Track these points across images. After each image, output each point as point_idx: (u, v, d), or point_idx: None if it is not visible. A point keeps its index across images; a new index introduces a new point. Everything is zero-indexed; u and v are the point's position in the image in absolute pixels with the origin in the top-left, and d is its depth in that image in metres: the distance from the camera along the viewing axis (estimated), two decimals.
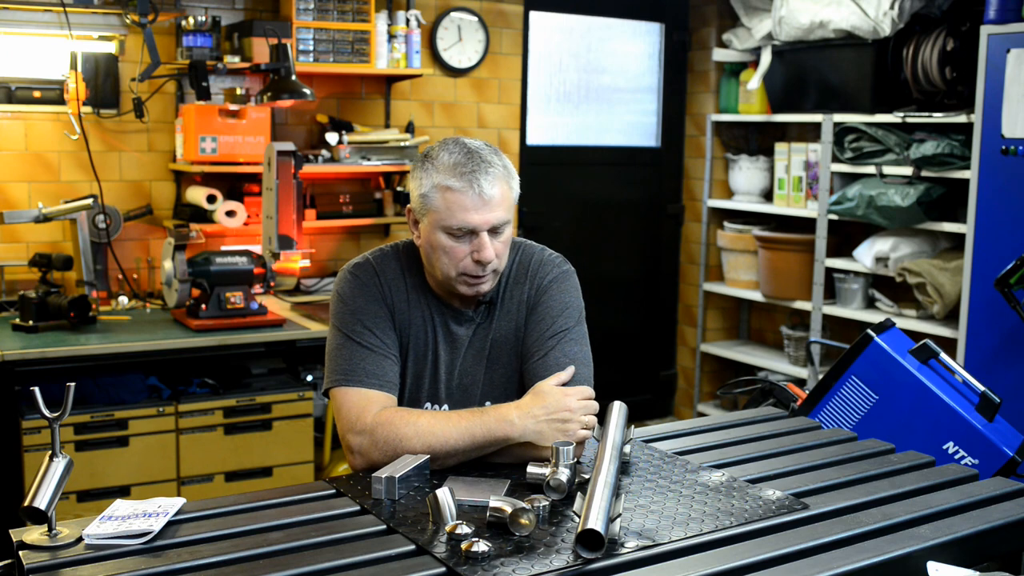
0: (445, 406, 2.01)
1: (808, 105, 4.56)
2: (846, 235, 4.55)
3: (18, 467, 3.24)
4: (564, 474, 1.65)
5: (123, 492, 3.30)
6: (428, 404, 2.01)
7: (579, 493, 1.61)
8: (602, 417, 1.87)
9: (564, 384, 1.90)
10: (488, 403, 2.02)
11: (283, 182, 3.51)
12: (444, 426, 1.80)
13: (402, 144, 4.26)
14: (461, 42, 4.62)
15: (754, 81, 4.74)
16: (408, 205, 1.98)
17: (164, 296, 3.61)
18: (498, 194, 1.89)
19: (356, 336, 1.93)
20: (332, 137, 4.15)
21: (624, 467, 1.79)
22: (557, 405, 1.83)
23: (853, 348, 2.35)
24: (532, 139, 4.98)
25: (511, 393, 2.02)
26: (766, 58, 4.68)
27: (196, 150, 3.78)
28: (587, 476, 1.67)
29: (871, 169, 4.20)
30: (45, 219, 3.57)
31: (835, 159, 4.37)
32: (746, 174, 4.99)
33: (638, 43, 5.27)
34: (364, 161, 4.18)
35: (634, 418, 1.98)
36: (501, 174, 1.91)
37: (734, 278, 5.05)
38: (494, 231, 1.91)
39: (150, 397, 3.41)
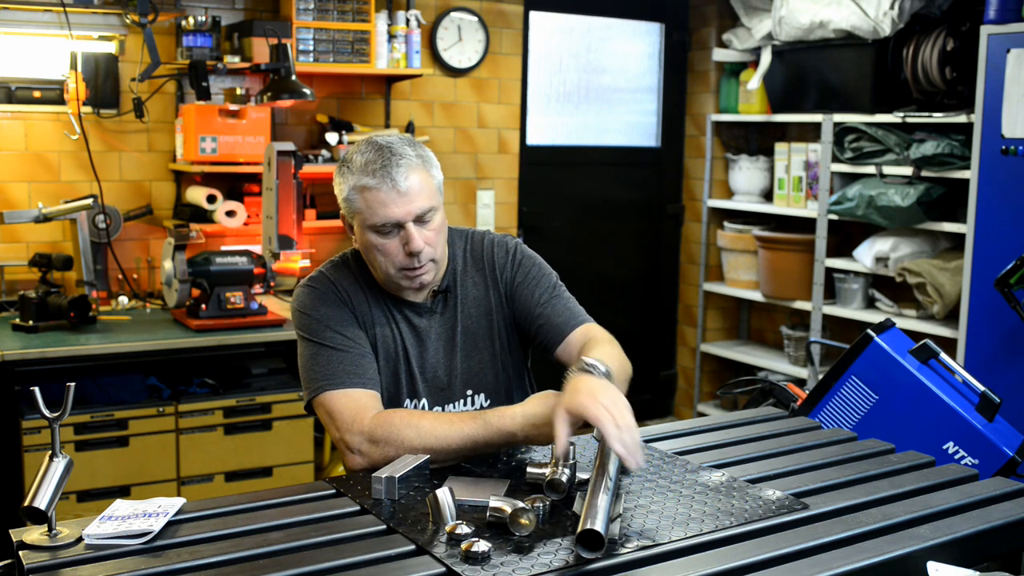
0: (424, 400, 2.02)
1: (808, 105, 4.56)
2: (846, 235, 4.55)
3: (18, 467, 3.24)
4: (564, 474, 1.65)
5: (123, 492, 3.30)
6: (408, 401, 2.02)
7: (579, 493, 1.61)
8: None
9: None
10: (470, 391, 2.05)
11: (283, 182, 3.51)
12: (446, 430, 1.80)
13: None
14: (461, 42, 4.62)
15: (754, 81, 4.74)
16: (341, 212, 2.00)
17: (164, 296, 3.61)
18: (416, 184, 1.91)
19: (328, 341, 1.94)
20: (332, 137, 4.15)
21: (624, 467, 1.79)
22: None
23: (853, 348, 2.35)
24: (532, 139, 4.98)
25: (493, 379, 2.06)
26: (766, 58, 4.68)
27: (196, 150, 3.78)
28: (587, 476, 1.67)
29: (871, 169, 4.20)
30: (45, 219, 3.57)
31: (835, 159, 4.37)
32: (746, 174, 4.99)
33: (638, 43, 5.27)
34: None
35: (634, 418, 1.98)
36: (416, 164, 1.93)
37: (734, 278, 5.05)
38: (420, 220, 1.92)
39: (150, 397, 3.41)
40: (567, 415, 1.62)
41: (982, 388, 2.23)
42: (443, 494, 1.53)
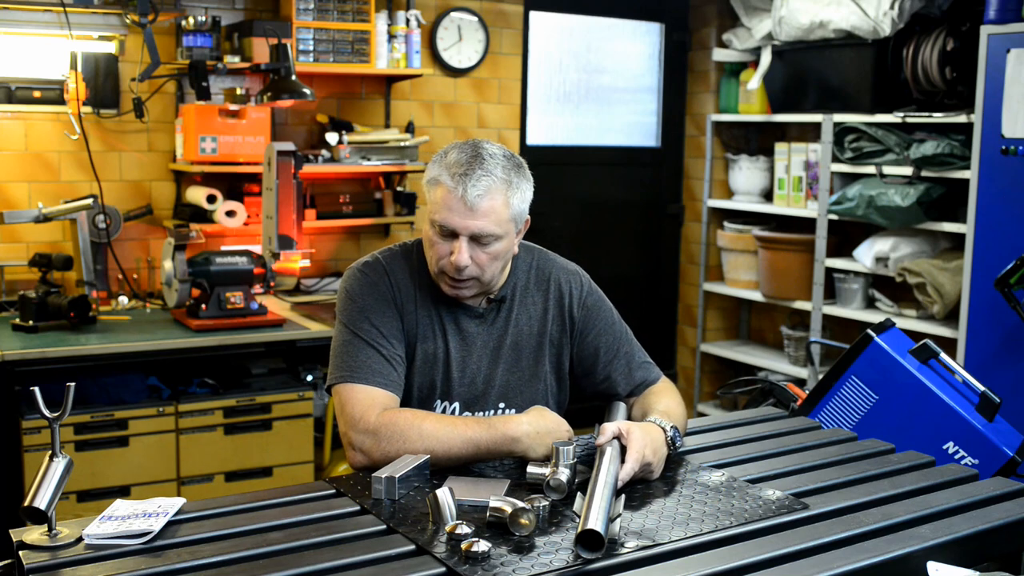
0: (456, 404, 2.00)
1: (808, 105, 4.56)
2: (846, 235, 4.55)
3: (18, 467, 3.24)
4: (564, 474, 1.65)
5: (123, 492, 3.30)
6: (439, 402, 2.00)
7: (579, 493, 1.61)
8: (603, 416, 1.87)
9: None
10: (502, 404, 2.03)
11: (283, 182, 3.51)
12: (449, 433, 1.80)
13: (402, 144, 4.26)
14: (461, 42, 4.62)
15: (754, 81, 4.74)
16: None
17: (164, 296, 3.61)
18: (486, 205, 1.86)
19: (363, 334, 1.93)
20: (332, 137, 4.15)
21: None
22: (560, 429, 1.85)
23: (853, 348, 2.35)
24: (532, 139, 4.98)
25: (530, 397, 2.04)
26: (766, 58, 4.68)
27: (196, 150, 3.78)
28: (587, 476, 1.67)
29: (871, 169, 4.20)
30: (45, 219, 3.57)
31: (835, 159, 4.37)
32: (746, 174, 4.99)
33: (638, 43, 5.27)
34: (364, 161, 4.18)
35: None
36: (497, 185, 1.88)
37: (734, 278, 5.05)
38: (477, 240, 1.88)
39: (150, 397, 3.41)
40: (619, 430, 1.77)
41: (982, 388, 2.23)
42: (443, 494, 1.53)
